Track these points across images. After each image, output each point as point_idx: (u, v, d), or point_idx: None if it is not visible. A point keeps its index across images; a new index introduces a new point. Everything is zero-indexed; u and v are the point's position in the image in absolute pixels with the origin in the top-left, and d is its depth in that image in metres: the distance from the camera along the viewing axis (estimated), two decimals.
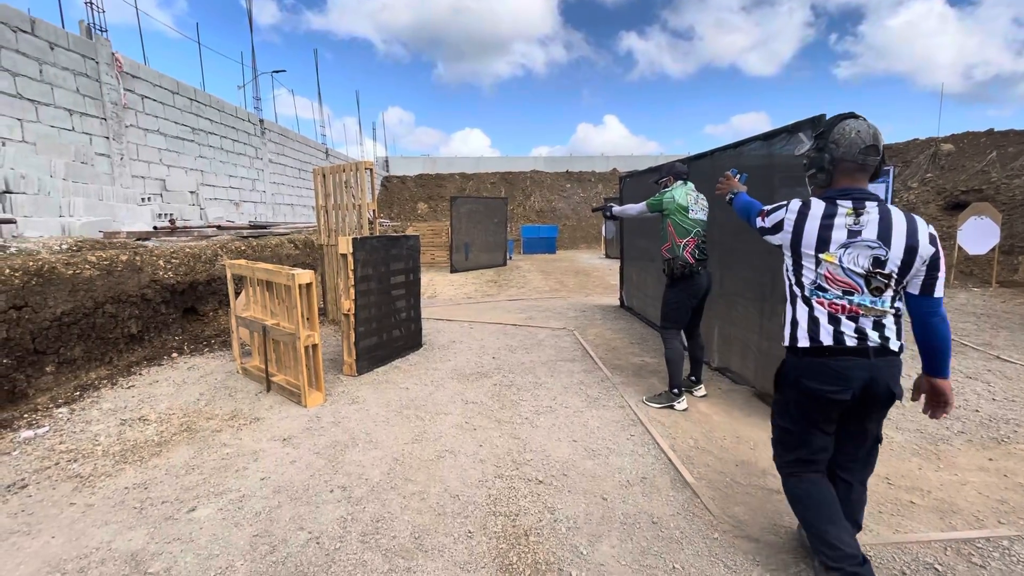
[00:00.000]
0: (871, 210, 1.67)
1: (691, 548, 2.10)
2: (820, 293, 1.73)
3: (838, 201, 1.72)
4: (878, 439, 1.84)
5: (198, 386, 4.19)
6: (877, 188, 6.80)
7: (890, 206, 1.70)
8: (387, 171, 28.77)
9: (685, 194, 3.56)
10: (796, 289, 1.81)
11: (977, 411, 3.47)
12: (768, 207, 1.96)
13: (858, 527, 1.89)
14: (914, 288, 1.68)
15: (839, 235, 1.69)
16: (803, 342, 1.74)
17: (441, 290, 9.91)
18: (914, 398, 1.83)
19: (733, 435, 3.16)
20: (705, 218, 3.60)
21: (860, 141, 1.70)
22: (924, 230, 1.66)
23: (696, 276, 3.51)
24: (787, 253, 1.83)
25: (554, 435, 3.20)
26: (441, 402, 3.80)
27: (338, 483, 2.67)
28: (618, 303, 7.71)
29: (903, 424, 3.28)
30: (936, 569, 1.96)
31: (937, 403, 1.75)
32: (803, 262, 1.76)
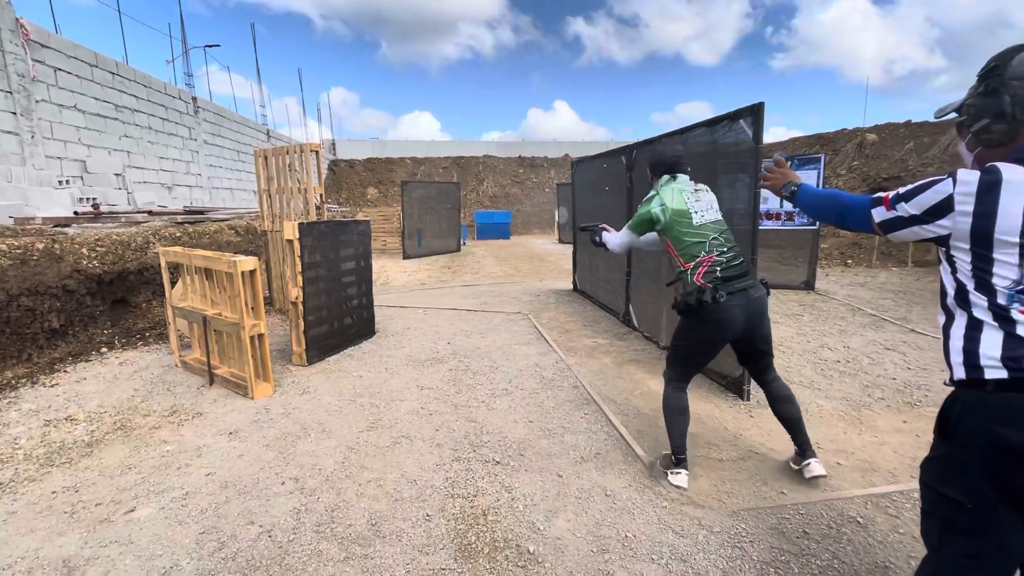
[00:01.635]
0: None
1: (642, 517, 2.20)
2: None
3: None
4: None
5: (132, 382, 3.94)
6: (808, 175, 7.18)
7: None
8: (334, 155, 27.73)
9: (679, 192, 2.49)
10: (979, 297, 1.18)
11: (894, 379, 3.80)
12: (900, 190, 1.33)
13: None
14: None
15: None
16: (996, 372, 1.14)
17: (394, 277, 9.73)
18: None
19: None
20: (719, 216, 2.51)
21: None
22: None
23: (719, 309, 2.28)
24: (961, 247, 1.21)
25: (510, 417, 3.24)
26: (396, 389, 3.76)
27: (290, 475, 2.60)
28: (571, 287, 7.85)
29: (832, 393, 3.55)
30: (859, 522, 2.15)
31: None
32: (995, 255, 1.16)
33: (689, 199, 2.47)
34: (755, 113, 3.11)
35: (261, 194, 6.08)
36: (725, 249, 2.39)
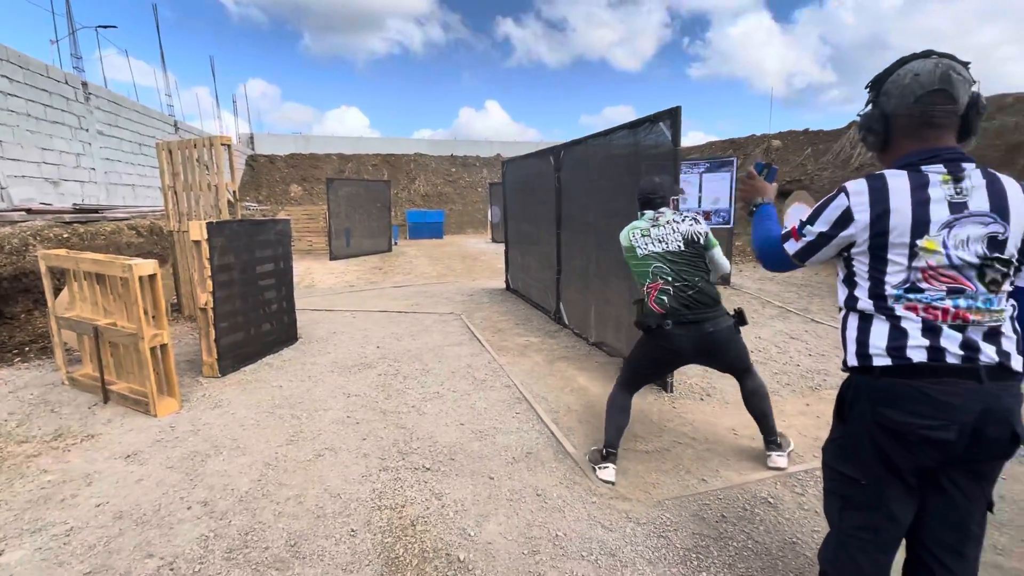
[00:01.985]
0: (972, 173, 1.21)
1: (572, 514, 2.22)
2: (912, 296, 1.22)
3: (923, 167, 1.23)
4: (990, 505, 1.28)
5: (5, 404, 3.45)
6: (723, 177, 7.64)
7: (995, 172, 1.26)
8: (253, 149, 26.03)
9: (631, 229, 2.67)
10: (872, 295, 1.27)
11: (798, 365, 4.13)
12: (804, 217, 1.39)
13: None
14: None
15: (939, 211, 1.19)
16: (882, 359, 1.23)
17: (320, 279, 9.28)
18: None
19: None
20: (676, 247, 2.52)
21: (918, 86, 1.24)
22: None
23: (665, 336, 2.42)
24: (861, 251, 1.28)
25: (442, 421, 3.17)
26: (320, 398, 3.56)
27: (197, 498, 2.37)
28: (504, 286, 7.86)
29: None
30: (769, 502, 2.30)
31: None
32: (889, 256, 1.24)
33: (635, 236, 2.63)
34: (673, 116, 3.24)
35: (166, 191, 5.55)
36: (671, 278, 2.47)
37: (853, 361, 1.29)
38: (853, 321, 1.31)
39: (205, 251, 3.79)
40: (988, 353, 1.17)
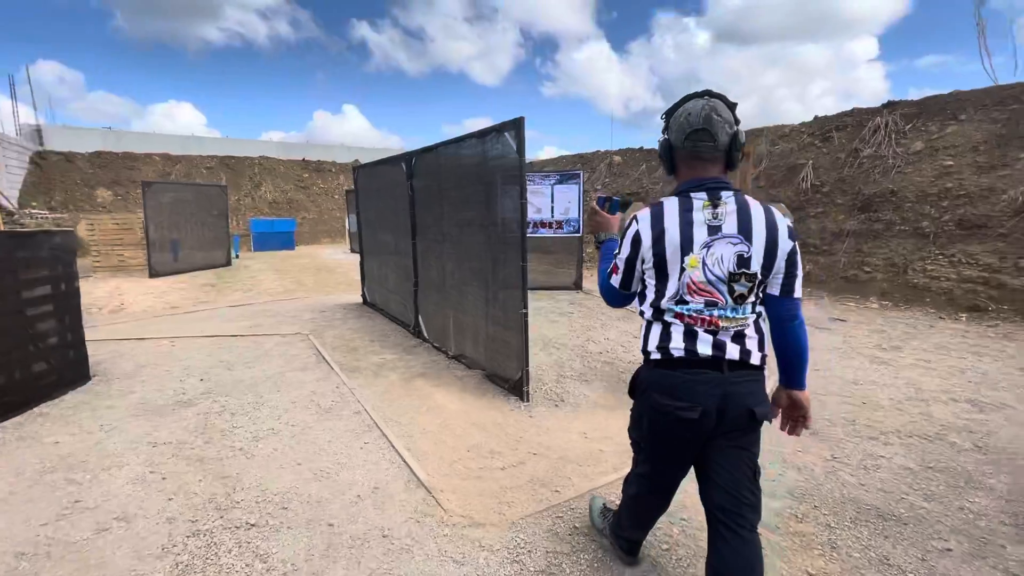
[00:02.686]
0: (728, 200, 1.42)
1: (421, 553, 2.03)
2: (678, 308, 1.45)
3: (692, 194, 1.44)
4: (756, 472, 1.52)
5: None
6: (571, 188, 8.12)
7: (747, 196, 1.47)
8: (41, 144, 21.21)
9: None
10: (652, 303, 1.50)
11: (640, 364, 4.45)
12: (616, 251, 1.60)
13: None
14: (774, 288, 1.46)
15: (700, 233, 1.41)
16: (654, 355, 1.49)
17: (133, 301, 7.79)
18: (772, 415, 1.56)
19: (467, 421, 3.27)
20: None
21: (688, 123, 1.44)
22: (783, 221, 1.45)
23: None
24: (648, 268, 1.49)
25: (275, 462, 2.75)
26: (114, 452, 2.87)
27: None
28: (361, 300, 7.38)
29: (596, 384, 3.96)
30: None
31: (795, 417, 1.58)
32: (669, 271, 1.44)
33: None
34: (517, 127, 3.26)
35: None
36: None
37: (643, 350, 1.57)
38: (643, 324, 1.58)
39: None
40: (732, 351, 1.43)
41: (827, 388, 3.81)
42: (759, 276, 1.41)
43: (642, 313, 1.56)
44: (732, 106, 1.46)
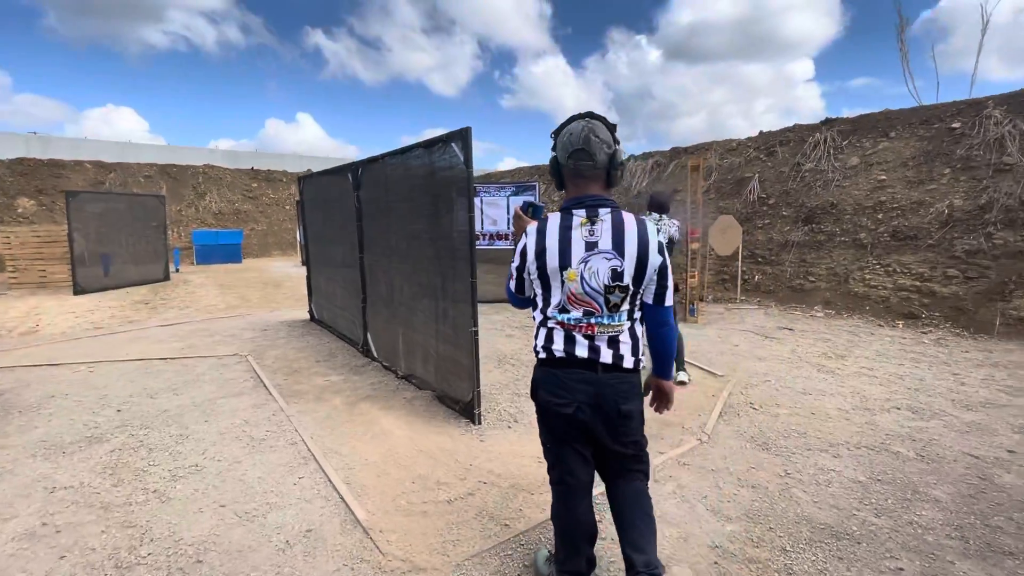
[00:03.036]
0: (605, 217, 1.54)
1: None
2: (561, 316, 1.61)
3: (573, 211, 1.57)
4: (640, 446, 1.71)
5: None
6: (526, 200, 8.13)
7: (624, 212, 1.58)
8: None
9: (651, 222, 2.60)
10: (540, 310, 1.67)
11: None
12: (512, 262, 1.73)
13: (654, 530, 1.69)
14: (648, 297, 1.61)
15: (578, 249, 1.54)
16: (541, 354, 1.67)
17: (51, 321, 7.11)
18: (644, 393, 1.79)
19: (414, 448, 3.07)
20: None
21: (570, 143, 1.56)
22: (654, 237, 1.56)
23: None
24: (535, 282, 1.65)
25: (194, 505, 2.46)
26: (1, 501, 2.50)
27: None
28: (309, 316, 7.01)
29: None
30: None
31: (661, 400, 1.82)
32: (552, 283, 1.59)
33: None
34: (464, 137, 3.12)
35: None
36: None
37: (534, 356, 1.71)
38: (535, 328, 1.72)
39: None
40: (606, 355, 1.58)
41: (778, 400, 3.84)
42: (631, 288, 1.56)
43: (534, 318, 1.72)
44: (612, 127, 1.58)
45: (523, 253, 1.64)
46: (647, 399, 1.79)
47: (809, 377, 4.38)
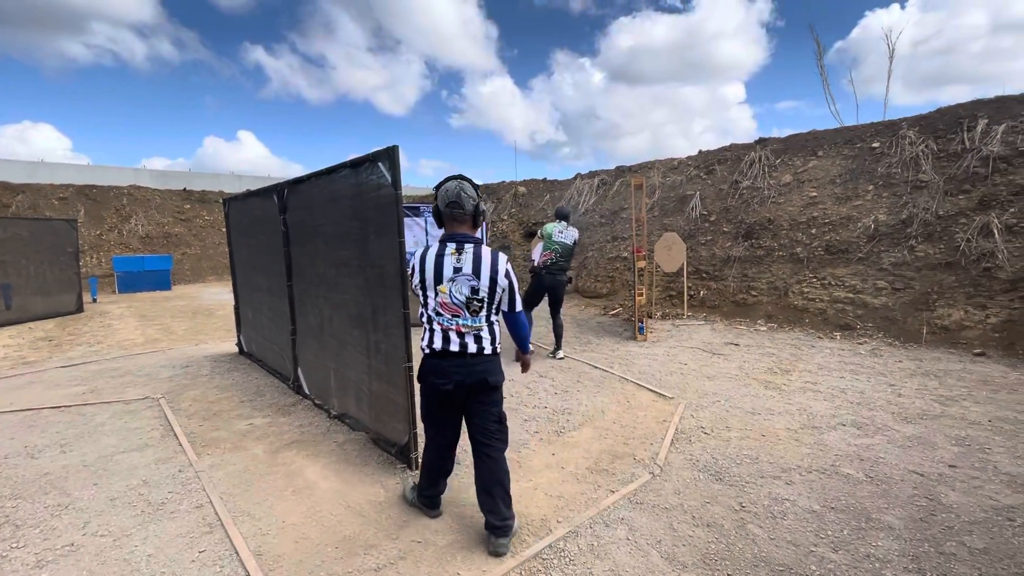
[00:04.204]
0: (468, 250, 2.22)
1: None
2: (436, 318, 2.26)
3: (447, 243, 2.25)
4: (500, 419, 2.37)
5: None
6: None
7: (483, 247, 2.26)
8: None
9: (553, 227, 5.64)
10: (425, 315, 2.30)
11: (546, 407, 4.16)
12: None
13: (506, 492, 2.32)
14: (504, 305, 2.33)
15: (448, 270, 2.21)
16: (426, 349, 2.30)
17: None
18: (516, 359, 2.67)
19: (342, 503, 2.73)
20: (567, 242, 5.62)
21: (447, 196, 2.24)
22: (503, 266, 2.25)
23: (544, 274, 5.54)
24: (419, 290, 2.30)
25: None
26: None
27: None
28: (237, 350, 6.45)
29: None
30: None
31: (524, 366, 2.74)
32: (428, 293, 2.26)
33: (555, 231, 5.61)
34: (391, 156, 2.87)
35: None
36: (560, 253, 5.58)
37: (419, 350, 2.38)
38: (423, 326, 2.34)
39: None
40: (472, 346, 2.25)
41: (728, 422, 3.76)
42: (486, 299, 2.25)
43: (422, 315, 2.33)
44: (476, 186, 2.31)
45: (413, 267, 2.32)
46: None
47: (757, 395, 4.35)
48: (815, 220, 7.53)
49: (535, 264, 5.61)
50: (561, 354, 5.71)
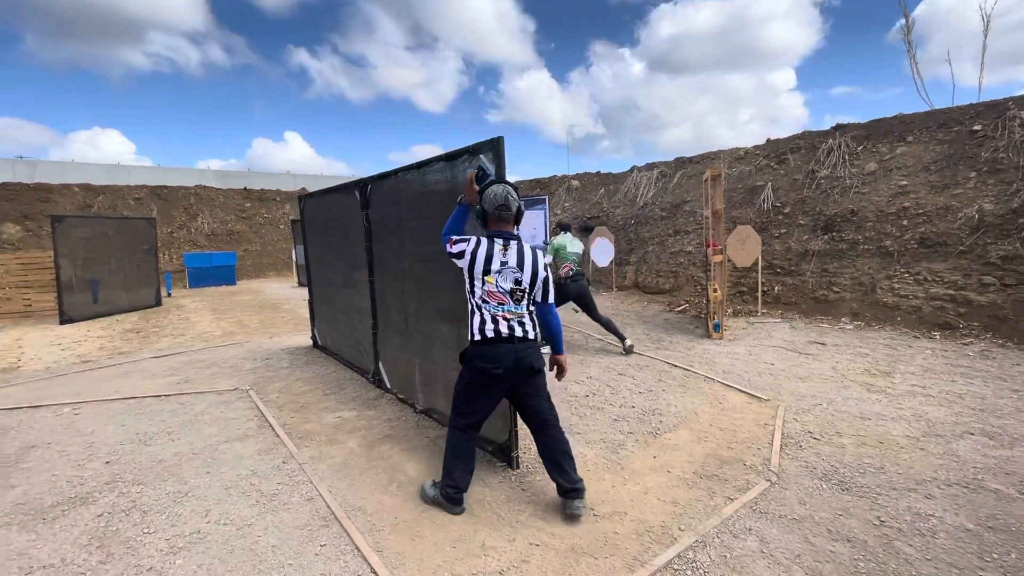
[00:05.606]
0: (513, 247, 2.50)
1: None
2: (484, 305, 2.45)
3: (495, 239, 2.50)
4: (548, 398, 2.60)
5: None
6: (536, 214, 7.78)
7: (524, 243, 2.56)
8: None
9: (564, 239, 5.76)
10: (473, 300, 2.49)
11: (633, 407, 4.02)
12: (456, 236, 2.57)
13: (570, 457, 2.55)
14: (538, 296, 2.56)
15: (496, 263, 2.45)
16: (477, 337, 2.45)
17: (34, 355, 6.66)
18: (549, 368, 2.65)
19: None
20: (578, 252, 5.76)
21: (496, 200, 2.49)
22: (541, 261, 2.55)
23: (567, 282, 5.56)
24: (466, 275, 2.51)
25: None
26: None
27: None
28: (311, 343, 6.62)
29: (590, 436, 3.48)
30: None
31: (559, 370, 2.70)
32: (475, 282, 2.47)
33: (567, 241, 5.75)
34: (495, 148, 2.81)
35: None
36: (576, 263, 5.67)
37: (469, 336, 2.50)
38: (470, 314, 2.51)
39: None
40: (518, 331, 2.44)
41: (838, 427, 3.50)
42: (528, 289, 2.49)
43: (470, 302, 2.51)
44: (517, 189, 2.56)
45: (463, 250, 2.49)
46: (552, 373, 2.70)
47: (860, 398, 4.05)
48: (906, 211, 6.99)
49: (559, 276, 5.69)
50: (629, 342, 5.60)
